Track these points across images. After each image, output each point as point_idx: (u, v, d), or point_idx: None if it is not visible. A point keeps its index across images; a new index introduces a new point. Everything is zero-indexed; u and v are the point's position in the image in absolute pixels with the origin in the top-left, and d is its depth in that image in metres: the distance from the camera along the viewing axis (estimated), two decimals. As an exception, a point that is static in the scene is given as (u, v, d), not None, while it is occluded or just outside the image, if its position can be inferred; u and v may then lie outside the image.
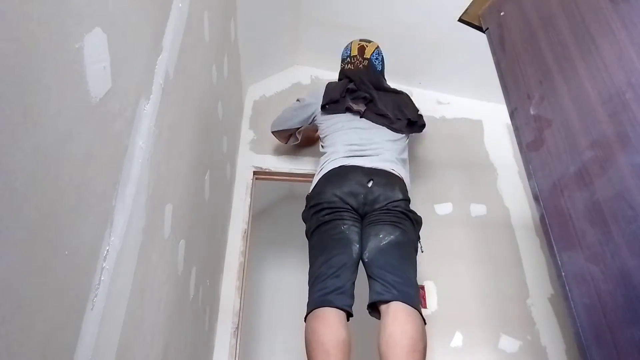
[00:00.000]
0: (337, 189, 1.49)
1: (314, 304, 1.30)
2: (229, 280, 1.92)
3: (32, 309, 0.45)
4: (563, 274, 1.01)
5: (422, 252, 1.52)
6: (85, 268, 0.58)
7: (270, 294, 3.41)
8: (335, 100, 1.78)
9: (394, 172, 1.58)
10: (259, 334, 3.25)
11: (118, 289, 0.66)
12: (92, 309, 0.59)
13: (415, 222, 1.50)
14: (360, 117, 1.75)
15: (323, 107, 1.82)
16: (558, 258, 1.04)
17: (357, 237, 1.44)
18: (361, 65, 1.87)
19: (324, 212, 1.47)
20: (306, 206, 1.57)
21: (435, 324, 1.94)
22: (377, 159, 1.60)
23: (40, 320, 0.47)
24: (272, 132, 2.05)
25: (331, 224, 1.45)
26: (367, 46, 1.93)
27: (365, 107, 1.75)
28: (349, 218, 1.46)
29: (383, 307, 1.26)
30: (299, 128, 1.96)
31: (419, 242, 1.52)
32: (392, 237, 1.40)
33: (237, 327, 1.84)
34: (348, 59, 1.92)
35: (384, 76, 1.94)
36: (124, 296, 0.69)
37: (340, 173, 1.54)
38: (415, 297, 1.29)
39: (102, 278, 0.61)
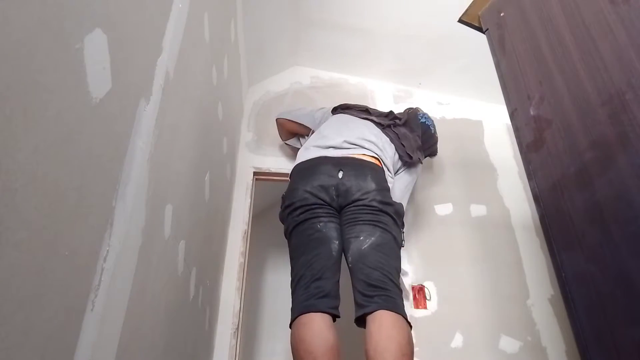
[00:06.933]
0: (307, 185, 1.45)
1: (298, 310, 1.26)
2: (229, 281, 1.92)
3: (32, 309, 0.45)
4: (563, 274, 1.01)
5: (403, 246, 1.46)
6: (85, 269, 0.58)
7: (270, 294, 3.41)
8: (346, 107, 1.86)
9: (364, 158, 1.54)
10: (259, 335, 3.25)
11: (118, 290, 0.66)
12: (92, 309, 0.58)
13: (394, 214, 1.45)
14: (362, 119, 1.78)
15: (334, 110, 1.89)
16: (558, 258, 1.03)
17: (336, 234, 1.40)
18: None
19: (298, 212, 1.43)
20: (281, 206, 1.53)
21: (435, 324, 1.94)
22: (350, 145, 1.58)
23: (40, 321, 0.47)
24: (278, 120, 2.07)
25: (307, 223, 1.41)
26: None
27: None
28: (324, 215, 1.42)
29: (368, 317, 1.24)
30: (303, 126, 1.98)
31: (402, 232, 1.48)
32: (372, 238, 1.36)
33: (237, 328, 1.84)
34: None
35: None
36: (124, 297, 0.69)
37: (310, 167, 1.51)
38: (398, 302, 1.27)
39: (102, 279, 0.61)
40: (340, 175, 1.46)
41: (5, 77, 0.40)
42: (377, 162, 1.56)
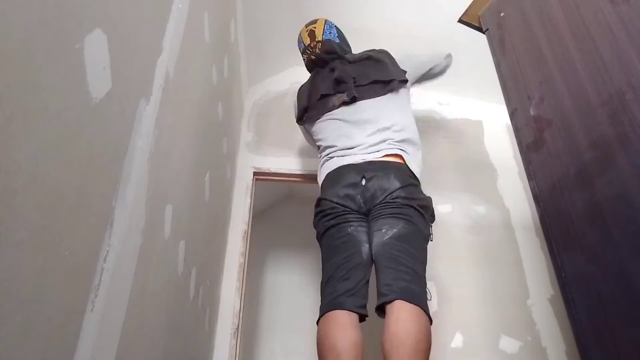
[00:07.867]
0: (334, 195, 1.49)
1: (325, 308, 1.30)
2: (229, 281, 1.92)
3: (32, 309, 0.45)
4: (563, 274, 1.01)
5: (432, 240, 1.46)
6: (85, 269, 0.58)
7: (270, 295, 3.41)
8: (305, 108, 1.76)
9: (385, 159, 1.52)
10: (259, 335, 3.24)
11: (118, 290, 0.66)
12: (92, 309, 0.58)
13: (420, 208, 1.44)
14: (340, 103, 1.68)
15: (300, 120, 1.80)
16: (558, 259, 1.03)
17: (366, 237, 1.43)
18: (317, 49, 1.84)
19: (328, 217, 1.47)
20: (314, 213, 1.58)
21: (435, 324, 1.93)
22: (368, 143, 1.56)
23: (40, 321, 0.47)
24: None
25: (337, 227, 1.45)
26: (315, 28, 1.88)
27: (346, 97, 1.67)
28: (354, 219, 1.45)
29: (388, 307, 1.25)
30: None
31: (431, 227, 1.48)
32: (394, 230, 1.36)
33: (237, 328, 1.84)
34: (307, 52, 1.88)
35: (347, 45, 1.91)
36: (124, 297, 0.69)
37: (335, 176, 1.54)
38: (419, 293, 1.27)
39: (102, 279, 0.61)
40: (363, 182, 1.48)
41: (5, 77, 0.40)
42: (400, 160, 1.53)
